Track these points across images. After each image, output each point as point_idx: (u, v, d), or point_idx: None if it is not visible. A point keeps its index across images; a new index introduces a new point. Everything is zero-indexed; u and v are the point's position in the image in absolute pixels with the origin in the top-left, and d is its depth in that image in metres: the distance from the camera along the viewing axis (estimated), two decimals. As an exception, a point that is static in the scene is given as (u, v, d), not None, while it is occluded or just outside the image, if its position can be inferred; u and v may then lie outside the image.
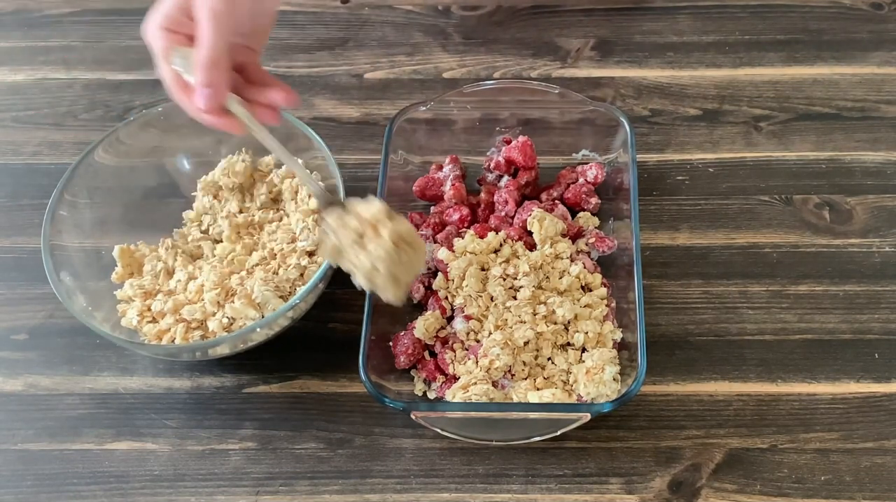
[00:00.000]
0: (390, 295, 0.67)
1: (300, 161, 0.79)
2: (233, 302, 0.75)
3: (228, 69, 0.67)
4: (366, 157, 0.90)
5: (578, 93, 0.86)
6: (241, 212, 0.84)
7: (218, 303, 0.76)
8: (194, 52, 0.65)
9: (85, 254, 0.79)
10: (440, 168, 0.87)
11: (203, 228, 0.84)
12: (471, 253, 0.79)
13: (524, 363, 0.74)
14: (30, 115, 0.96)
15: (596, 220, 0.84)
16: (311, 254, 0.79)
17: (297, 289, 0.77)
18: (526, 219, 0.80)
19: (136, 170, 0.84)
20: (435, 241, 0.81)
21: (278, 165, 0.86)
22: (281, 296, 0.76)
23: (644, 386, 0.71)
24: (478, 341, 0.75)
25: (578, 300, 0.77)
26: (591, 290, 0.78)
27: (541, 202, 0.84)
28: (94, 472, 0.74)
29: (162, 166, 0.85)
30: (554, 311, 0.75)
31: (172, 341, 0.75)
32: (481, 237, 0.80)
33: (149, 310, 0.77)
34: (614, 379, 0.72)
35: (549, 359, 0.75)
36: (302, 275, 0.78)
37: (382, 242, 0.66)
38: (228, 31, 0.66)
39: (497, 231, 0.81)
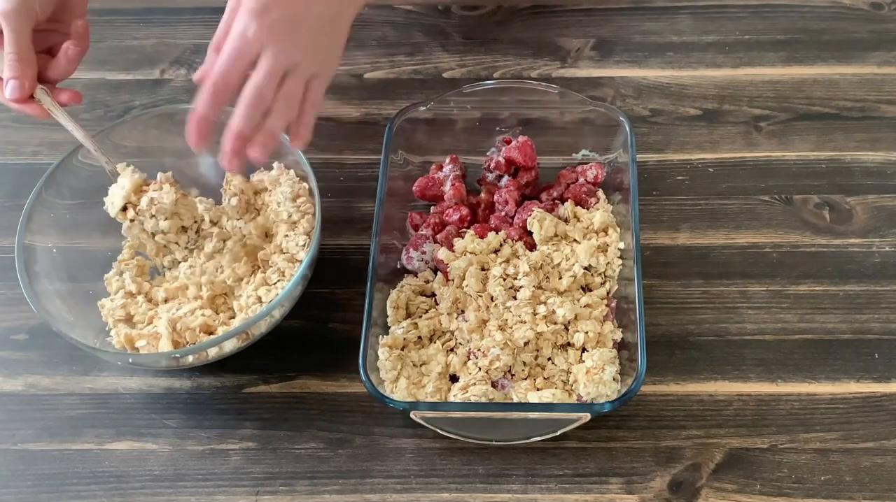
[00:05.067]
0: None
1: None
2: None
3: (33, 61, 0.75)
4: (366, 157, 0.90)
5: (578, 93, 0.86)
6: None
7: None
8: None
9: (61, 255, 0.80)
10: (440, 168, 0.87)
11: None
12: (471, 253, 0.79)
13: (524, 363, 0.74)
14: (30, 115, 0.96)
15: (596, 220, 0.84)
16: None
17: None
18: (526, 219, 0.80)
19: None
20: (435, 241, 0.81)
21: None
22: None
23: (644, 386, 0.71)
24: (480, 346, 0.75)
25: (578, 300, 0.77)
26: (591, 290, 0.78)
27: (541, 202, 0.84)
28: (94, 472, 0.74)
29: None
30: (554, 311, 0.75)
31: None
32: (481, 237, 0.80)
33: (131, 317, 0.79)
34: (614, 380, 0.72)
35: (549, 359, 0.75)
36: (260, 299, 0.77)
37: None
38: (26, 26, 0.73)
39: (497, 231, 0.81)
